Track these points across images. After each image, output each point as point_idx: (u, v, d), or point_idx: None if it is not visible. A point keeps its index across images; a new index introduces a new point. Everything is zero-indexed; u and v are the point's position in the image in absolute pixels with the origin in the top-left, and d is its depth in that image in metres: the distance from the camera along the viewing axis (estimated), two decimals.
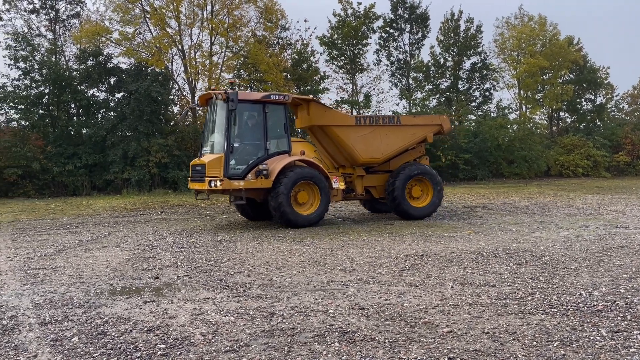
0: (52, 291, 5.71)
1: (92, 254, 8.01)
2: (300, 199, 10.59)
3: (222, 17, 25.07)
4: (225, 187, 10.10)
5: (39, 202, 18.37)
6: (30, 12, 24.53)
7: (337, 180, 11.28)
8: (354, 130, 11.30)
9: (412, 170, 11.59)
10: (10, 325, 4.52)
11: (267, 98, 10.70)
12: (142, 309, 4.95)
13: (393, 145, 11.68)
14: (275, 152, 10.71)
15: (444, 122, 12.46)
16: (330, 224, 11.23)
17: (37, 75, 22.84)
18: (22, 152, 19.99)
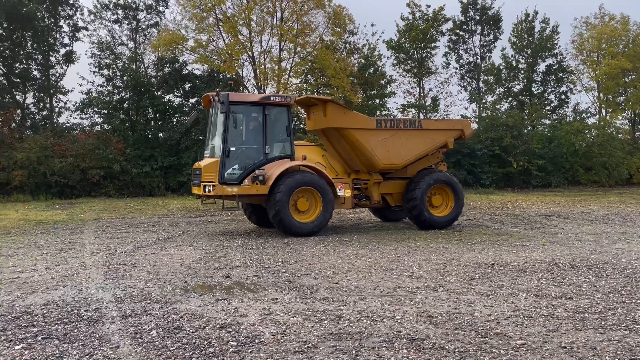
0: (132, 286, 6.04)
1: (167, 252, 8.40)
2: (301, 206, 10.01)
3: (291, 23, 25.54)
4: (218, 192, 9.70)
5: (118, 201, 19.50)
6: (113, 23, 26.13)
7: (343, 187, 10.68)
8: (374, 134, 10.68)
9: (434, 177, 11.04)
10: (94, 317, 4.83)
11: (267, 100, 10.16)
12: (215, 306, 5.14)
13: (414, 150, 11.07)
14: (276, 156, 10.22)
15: (466, 127, 11.83)
16: (396, 229, 11.12)
17: (118, 82, 24.27)
18: (105, 154, 21.29)
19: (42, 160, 20.66)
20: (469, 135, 11.99)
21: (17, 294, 5.70)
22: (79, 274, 6.74)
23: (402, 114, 29.67)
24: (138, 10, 26.18)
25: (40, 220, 13.56)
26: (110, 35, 26.12)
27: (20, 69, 24.83)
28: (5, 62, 24.28)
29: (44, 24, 25.13)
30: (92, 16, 26.00)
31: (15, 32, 24.43)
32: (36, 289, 5.95)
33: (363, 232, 10.74)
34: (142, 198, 20.90)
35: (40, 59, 25.86)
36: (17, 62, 24.66)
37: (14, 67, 24.53)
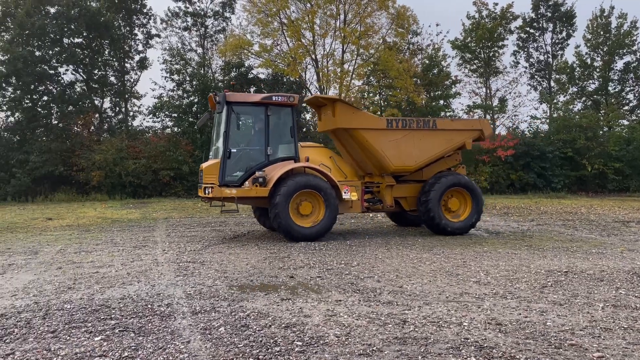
0: (201, 283, 6.26)
1: (234, 251, 8.63)
2: (303, 210, 9.65)
3: (354, 25, 25.58)
4: (216, 194, 9.49)
5: (187, 201, 20.27)
6: (183, 30, 27.26)
7: (349, 190, 10.17)
8: (384, 135, 10.22)
9: (450, 180, 10.42)
10: (167, 312, 5.04)
11: (269, 99, 9.84)
12: (280, 305, 5.22)
13: (428, 151, 10.54)
14: (279, 158, 9.91)
15: (485, 126, 11.18)
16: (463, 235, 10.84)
17: (188, 86, 25.27)
18: (174, 156, 22.22)
19: (117, 162, 21.87)
20: (488, 135, 11.40)
21: (96, 288, 6.06)
22: (151, 271, 7.07)
23: (468, 115, 28.93)
24: (206, 17, 27.16)
25: (116, 218, 14.34)
26: (180, 42, 27.29)
27: (99, 75, 26.39)
28: (85, 69, 25.88)
29: (120, 32, 26.59)
30: (163, 24, 27.24)
31: (94, 40, 26.01)
32: (113, 283, 6.30)
33: (427, 235, 10.56)
34: None
35: (117, 66, 27.37)
36: (95, 69, 26.23)
37: (93, 73, 26.11)
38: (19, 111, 24.60)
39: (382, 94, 28.84)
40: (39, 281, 6.47)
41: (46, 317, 4.92)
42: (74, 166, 22.93)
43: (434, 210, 10.19)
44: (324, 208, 9.66)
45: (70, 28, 25.09)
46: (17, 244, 9.81)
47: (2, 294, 5.81)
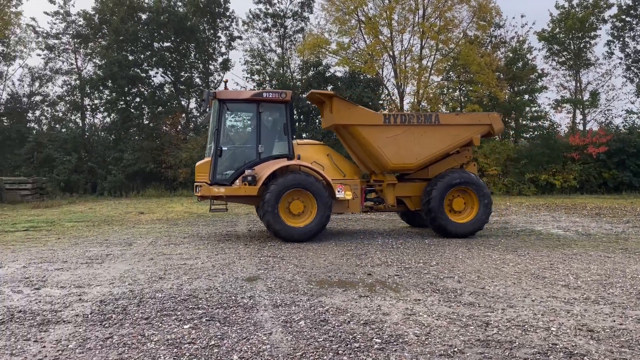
0: (281, 277, 6.43)
1: (311, 247, 8.78)
2: (294, 209, 9.39)
3: (434, 20, 25.05)
4: (204, 193, 9.43)
5: None
6: (263, 31, 28.00)
7: (342, 189, 9.74)
8: (381, 131, 9.76)
9: (454, 178, 9.80)
10: (249, 304, 5.23)
11: (259, 96, 9.60)
12: (358, 302, 5.25)
13: (430, 148, 9.93)
14: (271, 156, 9.67)
15: (495, 121, 10.31)
16: (549, 235, 10.32)
17: (267, 86, 25.93)
18: None
19: None
20: (498, 130, 10.54)
21: (185, 279, 6.40)
22: (235, 264, 7.35)
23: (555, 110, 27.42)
24: (285, 18, 27.71)
25: (201, 213, 15.05)
26: (260, 43, 28.04)
27: (185, 77, 27.75)
28: (173, 72, 27.33)
29: (204, 35, 27.79)
30: (245, 26, 28.14)
31: (181, 44, 27.39)
32: (200, 275, 6.63)
33: (511, 236, 10.15)
34: None
35: (201, 68, 28.66)
36: (182, 71, 27.62)
37: (180, 75, 27.51)
38: (114, 112, 26.48)
39: (462, 90, 28.02)
40: (133, 271, 6.94)
41: (140, 304, 5.27)
42: (163, 163, 24.33)
43: (435, 210, 9.68)
44: (316, 207, 9.37)
45: (160, 33, 26.61)
46: (113, 235, 10.58)
47: (101, 282, 6.29)
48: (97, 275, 6.70)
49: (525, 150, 25.05)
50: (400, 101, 26.02)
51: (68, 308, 5.15)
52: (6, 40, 27.52)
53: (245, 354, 3.88)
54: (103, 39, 26.97)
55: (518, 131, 27.81)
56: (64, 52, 27.71)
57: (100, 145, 26.87)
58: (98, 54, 26.72)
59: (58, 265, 7.35)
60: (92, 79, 26.40)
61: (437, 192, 9.66)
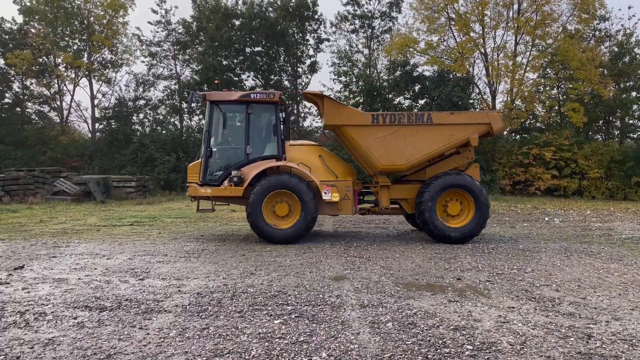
0: (367, 278, 6.43)
1: (398, 249, 8.70)
2: (280, 211, 9.33)
3: (530, 14, 23.83)
4: (191, 193, 9.58)
5: None
6: (351, 32, 28.15)
7: (329, 190, 9.43)
8: (370, 131, 9.41)
9: (447, 180, 9.30)
10: (337, 303, 5.29)
11: (247, 97, 9.60)
12: (447, 307, 5.13)
13: (422, 149, 9.42)
14: (261, 156, 9.60)
15: (494, 120, 9.57)
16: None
17: (354, 87, 26.03)
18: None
19: None
20: (498, 130, 9.75)
21: (274, 276, 6.60)
22: (321, 262, 7.47)
23: None
24: (373, 19, 27.66)
25: None
26: (348, 44, 28.21)
27: (275, 80, 28.58)
28: (263, 75, 28.25)
29: (293, 39, 28.46)
30: (333, 28, 28.45)
31: (271, 48, 28.25)
32: (289, 272, 6.80)
33: (615, 244, 9.42)
34: None
35: (290, 71, 29.36)
36: (272, 74, 28.47)
37: (270, 78, 28.38)
38: None
39: (560, 87, 26.41)
40: (226, 266, 7.27)
41: (234, 298, 5.51)
42: None
43: (426, 213, 9.26)
44: (300, 209, 9.27)
45: (252, 38, 27.61)
46: (208, 232, 11.14)
47: (198, 275, 6.66)
48: (194, 268, 7.09)
49: (632, 151, 23.11)
50: (492, 100, 25.03)
51: (169, 298, 5.50)
52: (114, 49, 29.89)
53: (334, 352, 3.93)
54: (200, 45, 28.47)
55: (624, 131, 25.72)
56: (164, 58, 29.60)
57: (196, 147, 28.35)
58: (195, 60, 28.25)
59: (159, 258, 7.87)
60: (190, 83, 27.96)
61: (429, 194, 9.30)
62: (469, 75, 25.10)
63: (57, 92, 30.26)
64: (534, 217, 14.18)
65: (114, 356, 3.88)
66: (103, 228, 11.71)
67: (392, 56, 26.12)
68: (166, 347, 4.06)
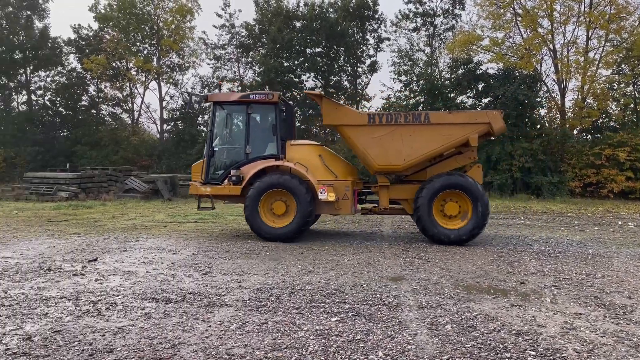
0: (426, 279, 6.34)
1: (458, 251, 8.51)
2: (277, 209, 9.51)
3: (603, 8, 22.60)
4: (192, 191, 10.03)
5: None
6: (412, 31, 27.79)
7: (325, 190, 9.39)
8: (366, 131, 9.34)
9: (443, 181, 9.16)
10: (394, 303, 5.26)
11: (247, 98, 9.81)
12: (509, 311, 4.98)
13: (420, 149, 9.25)
14: (259, 156, 9.76)
15: (494, 120, 9.26)
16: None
17: (414, 86, 25.68)
18: None
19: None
20: (499, 129, 9.41)
21: (332, 274, 6.64)
22: (379, 262, 7.44)
23: None
24: (435, 16, 27.19)
25: None
26: (409, 43, 27.89)
27: (334, 80, 28.71)
28: (323, 76, 28.44)
29: (353, 39, 28.47)
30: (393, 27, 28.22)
31: (331, 49, 28.40)
32: (346, 271, 6.83)
33: None
34: None
35: (350, 71, 29.39)
36: (332, 75, 28.61)
37: (329, 79, 28.53)
38: None
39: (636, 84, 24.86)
40: (285, 263, 7.40)
41: (292, 294, 5.60)
42: None
43: (423, 214, 9.16)
44: (295, 208, 9.37)
45: (312, 39, 27.87)
46: None
47: (257, 271, 6.81)
48: (254, 265, 7.27)
49: None
50: (561, 98, 23.95)
51: (230, 293, 5.67)
52: (181, 53, 31.09)
53: (391, 351, 3.91)
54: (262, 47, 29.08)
55: None
56: (228, 61, 30.48)
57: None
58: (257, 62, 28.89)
59: (222, 254, 8.12)
60: (252, 84, 28.62)
61: (425, 195, 9.17)
62: (536, 73, 24.12)
63: (128, 95, 31.88)
64: (605, 220, 13.44)
65: (178, 346, 4.05)
66: (170, 224, 12.23)
67: (454, 54, 25.57)
68: (227, 340, 4.19)
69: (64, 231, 10.90)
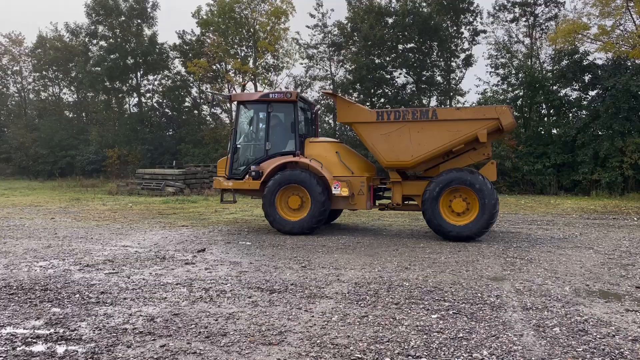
0: (530, 280, 6.12)
1: (564, 252, 8.09)
2: (292, 204, 9.91)
3: None
4: (215, 186, 10.69)
5: (509, 197, 19.83)
6: (510, 22, 26.56)
7: (339, 185, 9.69)
8: (375, 128, 9.59)
9: (449, 178, 9.19)
10: (497, 303, 5.15)
11: (266, 97, 10.31)
12: (624, 316, 4.69)
13: (428, 145, 9.35)
14: (278, 152, 10.21)
15: (503, 115, 9.11)
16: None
17: (513, 80, 24.53)
18: (497, 152, 21.96)
19: None
20: (508, 126, 9.29)
21: (429, 272, 6.62)
22: (478, 262, 7.28)
23: None
24: (536, 5, 25.79)
25: None
26: (507, 35, 26.70)
27: (427, 76, 28.19)
28: (415, 72, 28.04)
29: (447, 32, 27.76)
30: (490, 19, 27.14)
31: (424, 44, 27.91)
32: (443, 269, 6.76)
33: None
34: (533, 196, 20.61)
35: (443, 66, 28.70)
36: (424, 70, 28.12)
37: (422, 74, 28.07)
38: None
39: None
40: (381, 259, 7.47)
41: (389, 290, 5.67)
42: None
43: (429, 210, 9.23)
44: (310, 202, 9.70)
45: (404, 35, 27.57)
46: (361, 226, 11.49)
47: (354, 266, 6.95)
48: (350, 260, 7.42)
49: None
50: None
51: (329, 286, 5.85)
52: (276, 54, 32.08)
53: (496, 351, 3.86)
54: (353, 45, 29.24)
55: None
56: (320, 60, 30.98)
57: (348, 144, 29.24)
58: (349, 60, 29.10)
59: (319, 249, 8.36)
60: (344, 83, 28.89)
61: (431, 191, 9.25)
62: None
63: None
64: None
65: (285, 333, 4.28)
66: None
67: (557, 44, 24.05)
68: (330, 330, 4.35)
69: (174, 223, 11.76)
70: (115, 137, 34.19)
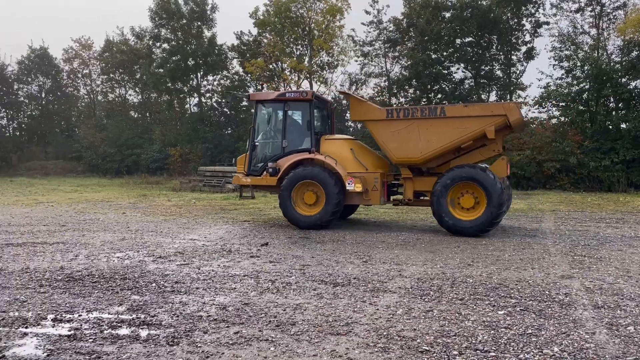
0: (600, 279, 5.94)
1: (636, 251, 7.76)
2: (307, 199, 10.16)
3: None
4: (235, 182, 11.12)
5: (574, 195, 19.07)
6: (575, 12, 25.47)
7: (353, 181, 9.91)
8: (385, 125, 9.83)
9: (458, 173, 9.36)
10: (566, 301, 5.04)
11: (283, 96, 10.65)
12: None
13: (435, 142, 9.52)
14: (295, 150, 10.48)
15: (510, 112, 9.20)
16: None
17: (578, 73, 23.51)
18: (561, 147, 21.16)
19: None
20: (515, 122, 9.28)
21: (493, 269, 6.54)
22: (544, 259, 7.12)
23: None
24: None
25: None
26: (571, 26, 25.63)
27: (486, 70, 27.51)
28: (474, 66, 27.41)
29: (507, 25, 26.95)
30: (553, 9, 26.12)
31: (482, 37, 27.24)
32: (508, 266, 6.67)
33: None
34: (600, 193, 19.71)
35: (503, 59, 27.90)
36: (483, 65, 27.44)
37: (480, 69, 27.42)
38: None
39: None
40: (442, 255, 7.45)
41: (453, 286, 5.67)
42: None
43: (437, 206, 9.42)
44: (324, 198, 9.90)
45: (462, 29, 27.01)
46: (420, 223, 11.44)
47: (415, 262, 6.97)
48: (411, 255, 7.45)
49: None
50: None
51: (391, 280, 5.92)
52: (331, 51, 32.25)
53: (567, 348, 3.81)
54: (409, 41, 28.94)
55: None
56: (375, 57, 30.86)
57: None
58: (405, 56, 28.84)
59: (378, 245, 8.44)
60: (399, 79, 28.67)
61: (439, 187, 9.42)
62: None
63: None
64: None
65: (351, 325, 4.39)
66: None
67: (626, 35, 22.85)
68: (395, 323, 4.43)
69: (236, 218, 12.15)
70: (177, 136, 35.48)
